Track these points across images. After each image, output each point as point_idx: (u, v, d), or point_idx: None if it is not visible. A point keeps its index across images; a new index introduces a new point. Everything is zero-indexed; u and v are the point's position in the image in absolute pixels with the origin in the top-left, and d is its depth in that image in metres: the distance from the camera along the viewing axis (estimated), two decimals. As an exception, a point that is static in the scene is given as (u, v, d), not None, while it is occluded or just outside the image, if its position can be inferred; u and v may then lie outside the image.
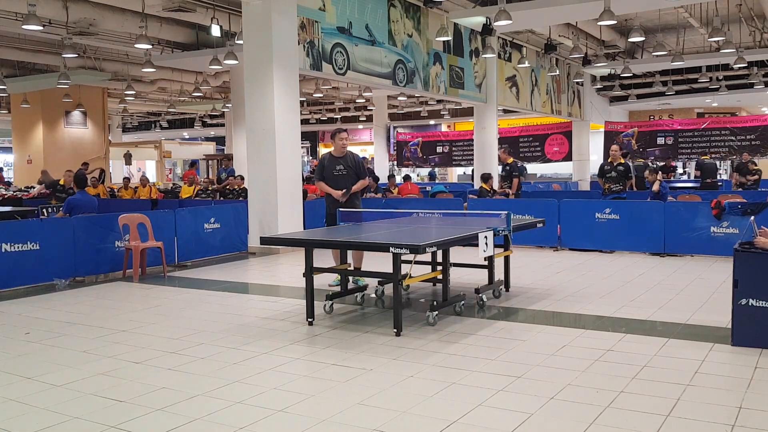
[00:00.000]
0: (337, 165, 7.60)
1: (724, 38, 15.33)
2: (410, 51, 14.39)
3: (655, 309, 6.41)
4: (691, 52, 19.90)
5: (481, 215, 8.84)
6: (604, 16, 11.63)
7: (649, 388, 4.19)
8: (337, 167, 7.59)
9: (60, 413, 3.97)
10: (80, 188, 9.86)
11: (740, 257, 5.04)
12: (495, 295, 7.08)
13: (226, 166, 19.50)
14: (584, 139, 24.36)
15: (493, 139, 18.09)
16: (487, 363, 4.79)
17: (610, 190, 11.00)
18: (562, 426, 3.67)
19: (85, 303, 7.37)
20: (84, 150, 21.83)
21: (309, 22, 11.56)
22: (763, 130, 21.26)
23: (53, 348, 5.44)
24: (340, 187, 7.56)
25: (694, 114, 28.91)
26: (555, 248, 10.82)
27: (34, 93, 20.51)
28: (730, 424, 3.61)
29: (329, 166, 7.56)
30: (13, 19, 12.66)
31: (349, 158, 7.70)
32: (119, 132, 32.78)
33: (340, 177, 7.59)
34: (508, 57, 18.79)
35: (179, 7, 12.71)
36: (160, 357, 5.11)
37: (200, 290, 7.96)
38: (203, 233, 10.33)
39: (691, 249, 9.79)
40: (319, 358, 5.03)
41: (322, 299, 6.50)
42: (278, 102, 10.71)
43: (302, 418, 3.83)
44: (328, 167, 7.55)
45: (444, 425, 3.67)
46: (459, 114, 29.28)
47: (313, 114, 31.72)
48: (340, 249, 6.79)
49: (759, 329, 4.95)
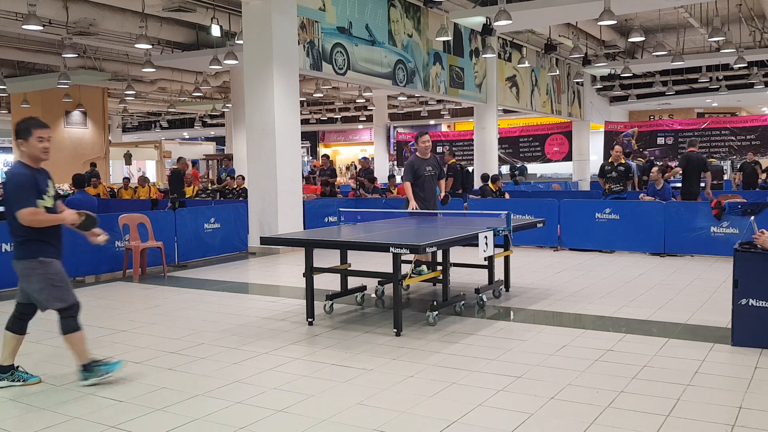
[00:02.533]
0: (427, 166, 7.74)
1: (724, 38, 15.34)
2: (410, 51, 14.39)
3: (655, 309, 6.41)
4: (691, 52, 19.90)
5: (481, 215, 8.86)
6: (604, 16, 11.64)
7: (649, 388, 4.19)
8: (427, 168, 7.74)
9: (60, 413, 3.97)
10: (80, 188, 9.86)
11: (740, 257, 5.04)
12: (495, 295, 7.08)
13: (226, 166, 19.51)
14: (584, 139, 24.36)
15: (493, 139, 18.10)
16: (487, 363, 4.79)
17: (611, 190, 11.00)
18: (562, 426, 3.67)
19: (85, 303, 7.31)
20: (84, 150, 21.86)
21: (309, 22, 11.56)
22: (763, 130, 21.27)
23: (53, 348, 5.44)
24: (431, 188, 7.77)
25: (694, 114, 28.91)
26: (555, 248, 10.82)
27: (34, 93, 20.51)
28: (730, 424, 3.61)
29: (420, 168, 7.67)
30: (13, 19, 12.66)
31: (432, 159, 7.90)
32: (119, 132, 32.80)
33: (429, 178, 7.75)
34: (508, 57, 18.79)
35: (179, 7, 12.70)
36: (160, 357, 5.11)
37: (200, 290, 7.96)
38: (203, 233, 10.33)
39: (691, 249, 9.78)
40: (319, 358, 5.03)
41: (322, 299, 6.50)
42: (278, 102, 10.70)
43: (302, 418, 3.83)
44: (419, 169, 7.66)
45: (444, 425, 3.67)
46: (459, 114, 29.28)
47: (313, 114, 31.72)
48: (340, 249, 6.79)
49: (759, 329, 4.95)
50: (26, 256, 4.23)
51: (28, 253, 4.22)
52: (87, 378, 4.38)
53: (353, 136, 35.96)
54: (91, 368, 4.39)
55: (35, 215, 4.14)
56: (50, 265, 4.26)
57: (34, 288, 4.26)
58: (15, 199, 4.15)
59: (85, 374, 4.38)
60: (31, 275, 4.23)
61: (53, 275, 4.25)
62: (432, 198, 7.85)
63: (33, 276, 4.23)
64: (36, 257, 4.22)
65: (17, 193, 4.15)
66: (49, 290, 4.24)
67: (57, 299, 4.25)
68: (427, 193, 7.75)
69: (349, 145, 36.30)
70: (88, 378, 4.38)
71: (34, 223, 4.16)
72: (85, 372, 4.38)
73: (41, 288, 4.24)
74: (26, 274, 4.25)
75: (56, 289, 4.25)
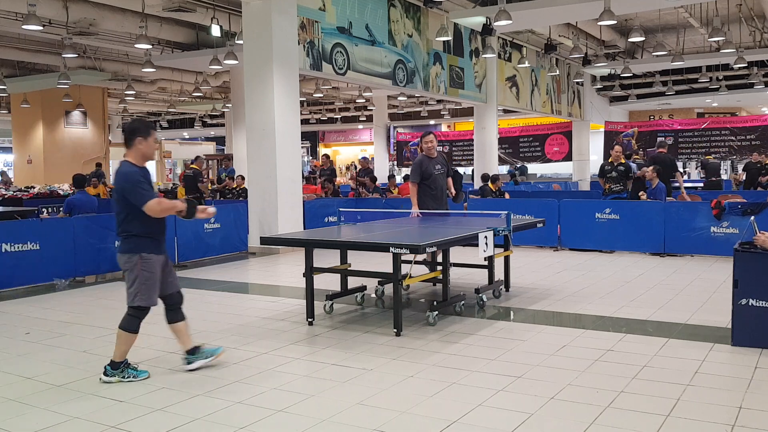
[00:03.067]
0: (436, 165, 7.73)
1: (724, 38, 15.34)
2: (410, 51, 14.39)
3: (655, 309, 6.41)
4: (691, 52, 19.90)
5: (481, 215, 8.85)
6: (604, 16, 11.64)
7: (649, 388, 4.19)
8: (436, 167, 7.73)
9: (60, 413, 3.97)
10: (80, 188, 9.86)
11: (740, 257, 5.04)
12: (495, 295, 7.08)
13: (226, 166, 19.53)
14: (584, 139, 24.36)
15: (493, 139, 18.10)
16: (487, 363, 4.79)
17: (611, 190, 11.00)
18: (562, 426, 3.67)
19: (85, 303, 7.37)
20: (84, 150, 21.86)
21: (309, 22, 11.56)
22: (763, 130, 21.25)
23: (53, 348, 5.44)
24: (441, 186, 7.76)
25: (694, 114, 28.90)
26: (555, 248, 10.82)
27: (34, 93, 20.51)
28: (730, 424, 3.61)
29: (428, 168, 7.66)
30: (13, 19, 12.66)
31: (440, 157, 7.90)
32: (119, 132, 32.72)
33: (440, 176, 7.75)
34: (508, 57, 18.79)
35: (179, 7, 12.70)
36: (160, 357, 5.11)
37: (200, 290, 7.95)
38: (203, 233, 10.32)
39: (691, 249, 9.78)
40: (319, 358, 5.03)
41: (322, 299, 6.50)
42: (278, 102, 10.70)
43: (302, 418, 3.83)
44: (427, 168, 7.65)
45: (444, 425, 3.67)
46: (459, 114, 29.27)
47: (313, 114, 31.72)
48: (340, 249, 6.79)
49: (759, 329, 4.95)
50: (130, 250, 4.47)
51: (133, 247, 4.47)
52: (109, 375, 4.51)
53: (353, 136, 35.95)
54: (119, 367, 4.52)
55: (161, 204, 4.43)
56: (149, 262, 4.48)
57: (129, 280, 4.49)
58: (136, 195, 4.39)
59: (110, 370, 4.52)
60: (132, 269, 4.46)
61: (149, 274, 4.48)
62: (443, 196, 7.85)
63: (133, 270, 4.46)
64: (139, 252, 4.46)
65: (137, 190, 4.40)
66: (139, 287, 4.46)
67: (142, 298, 4.47)
68: (437, 191, 7.75)
69: (349, 145, 36.30)
70: (110, 375, 4.51)
71: (162, 213, 4.45)
72: (111, 369, 4.52)
73: (134, 282, 4.46)
74: (128, 267, 4.49)
75: (145, 288, 4.47)
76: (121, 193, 4.45)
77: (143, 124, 4.67)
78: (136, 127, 4.57)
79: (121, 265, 4.56)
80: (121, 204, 4.47)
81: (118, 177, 4.51)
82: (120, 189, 4.45)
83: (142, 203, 4.37)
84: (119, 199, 4.47)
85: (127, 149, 4.56)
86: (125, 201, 4.44)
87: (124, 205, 4.45)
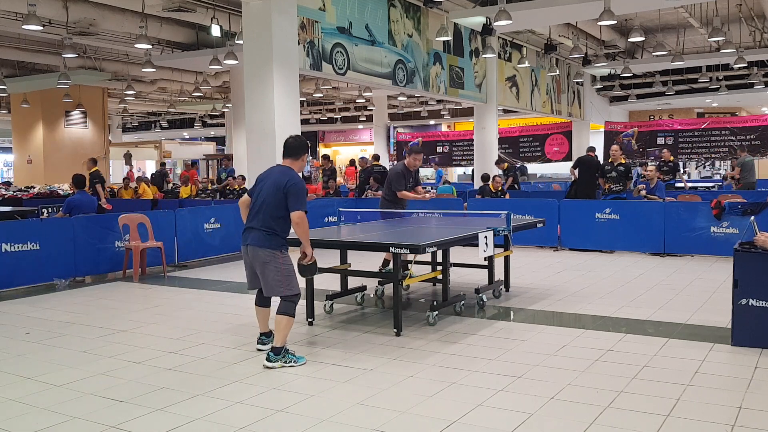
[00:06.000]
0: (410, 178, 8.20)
1: (724, 38, 15.32)
2: (410, 51, 14.38)
3: (655, 309, 6.41)
4: (691, 52, 19.89)
5: (481, 215, 8.85)
6: (604, 16, 11.63)
7: (649, 388, 4.19)
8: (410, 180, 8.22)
9: (60, 413, 3.97)
10: (80, 188, 9.85)
11: (740, 257, 5.05)
12: (495, 295, 7.08)
13: (226, 166, 19.50)
14: (584, 139, 24.32)
15: (493, 139, 18.09)
16: (487, 363, 4.79)
17: (611, 190, 11.00)
18: (562, 426, 3.67)
19: (85, 303, 7.37)
20: (84, 150, 21.79)
21: (309, 22, 11.56)
22: (763, 130, 21.23)
23: (53, 348, 5.45)
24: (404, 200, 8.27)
25: (694, 114, 28.89)
26: (555, 248, 10.82)
27: (34, 93, 20.50)
28: (730, 424, 3.61)
29: (408, 178, 8.16)
30: (13, 19, 12.65)
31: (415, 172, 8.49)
32: (119, 132, 32.75)
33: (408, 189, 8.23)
34: (508, 57, 18.78)
35: (179, 7, 12.69)
36: (160, 357, 5.11)
37: (200, 290, 7.96)
38: (203, 233, 10.32)
39: (691, 249, 9.78)
40: (319, 358, 5.03)
41: (322, 299, 6.50)
42: (278, 102, 10.69)
43: (302, 418, 3.83)
44: (407, 178, 8.14)
45: (444, 425, 3.67)
46: (459, 114, 29.26)
47: (313, 114, 31.70)
48: (340, 249, 6.78)
49: (759, 329, 4.95)
50: (271, 245, 4.88)
51: (274, 244, 4.89)
52: (273, 360, 4.78)
53: (353, 136, 35.92)
54: (281, 353, 4.79)
55: (304, 220, 4.85)
56: (287, 257, 4.93)
57: (270, 273, 4.87)
58: (298, 200, 4.82)
59: (273, 356, 4.78)
60: (271, 262, 4.86)
61: (287, 266, 4.90)
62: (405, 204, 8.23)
63: (272, 263, 4.86)
64: (279, 248, 4.90)
65: (301, 196, 4.84)
66: (282, 278, 4.86)
67: (287, 287, 4.86)
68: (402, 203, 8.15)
69: (349, 145, 36.26)
70: (273, 360, 4.78)
71: (300, 227, 4.83)
72: (274, 354, 4.78)
73: (275, 274, 4.85)
74: (267, 261, 4.87)
75: (287, 278, 4.88)
76: (285, 194, 4.82)
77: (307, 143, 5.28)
78: (305, 145, 5.18)
79: (258, 257, 4.88)
80: (282, 204, 4.85)
81: (289, 179, 4.87)
82: (287, 191, 4.82)
83: (299, 208, 4.79)
84: (281, 198, 4.84)
85: (293, 160, 5.07)
86: (285, 202, 4.83)
87: (284, 205, 4.83)
